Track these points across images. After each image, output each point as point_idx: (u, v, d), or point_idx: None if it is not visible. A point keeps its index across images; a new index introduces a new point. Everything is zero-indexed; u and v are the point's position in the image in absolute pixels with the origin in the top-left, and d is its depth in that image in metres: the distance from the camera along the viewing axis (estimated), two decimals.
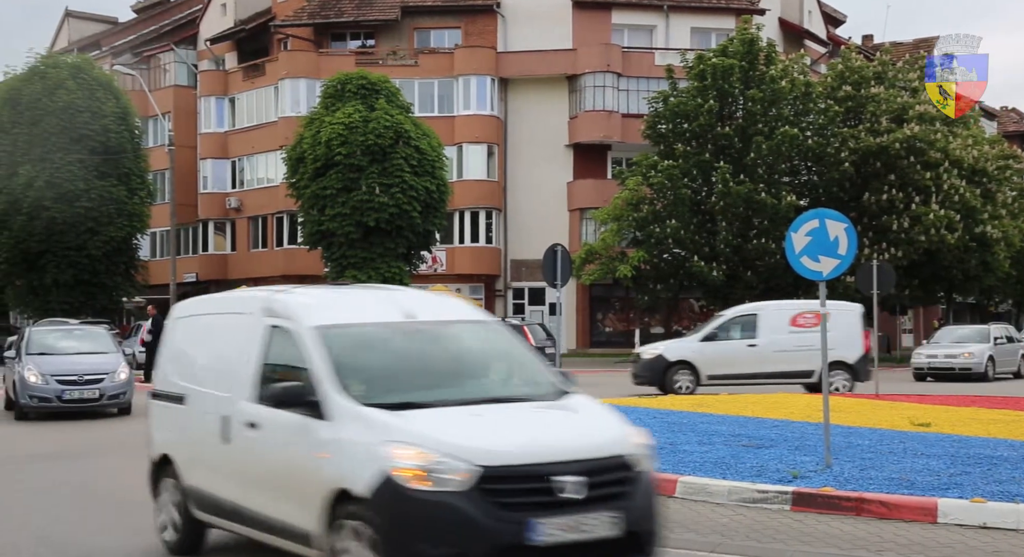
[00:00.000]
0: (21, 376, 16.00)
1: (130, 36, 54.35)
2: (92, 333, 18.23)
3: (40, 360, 16.27)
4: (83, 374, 16.07)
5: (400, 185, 32.22)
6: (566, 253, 16.21)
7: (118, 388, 16.36)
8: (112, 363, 16.68)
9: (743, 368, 19.24)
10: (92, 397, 16.09)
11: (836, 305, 18.80)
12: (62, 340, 17.54)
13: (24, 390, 15.96)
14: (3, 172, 35.04)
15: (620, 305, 42.67)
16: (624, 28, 43.03)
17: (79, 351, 16.99)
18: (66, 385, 15.94)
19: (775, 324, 19.31)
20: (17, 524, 8.28)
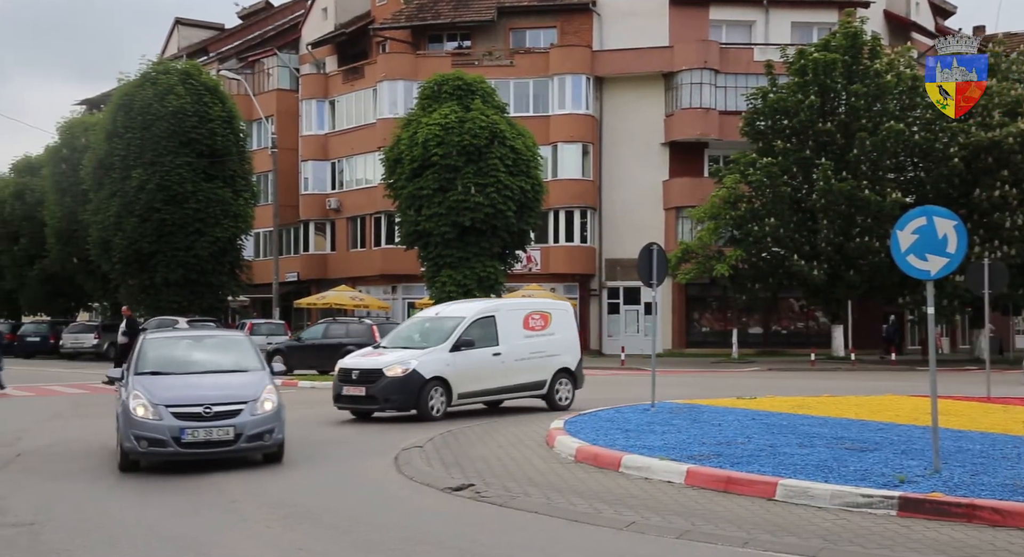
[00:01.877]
0: (125, 406, 10.87)
1: (236, 42, 56.04)
2: (227, 341, 12.91)
3: (151, 383, 11.16)
4: (211, 403, 10.80)
5: (495, 185, 32.41)
6: (662, 252, 15.98)
7: (262, 424, 10.96)
8: (253, 386, 11.35)
9: (490, 382, 16.10)
10: (224, 438, 10.75)
11: (553, 304, 17.87)
12: (186, 352, 12.32)
13: (128, 427, 10.68)
14: (117, 175, 36.56)
15: (717, 304, 42.09)
16: (722, 24, 42.43)
17: (208, 368, 11.83)
18: (187, 420, 10.63)
19: (512, 328, 16.44)
20: None
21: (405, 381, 15.12)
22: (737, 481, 8.98)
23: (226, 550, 7.37)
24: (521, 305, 17.50)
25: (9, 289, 49.54)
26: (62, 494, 9.54)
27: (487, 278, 33.29)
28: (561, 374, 17.00)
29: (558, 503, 8.68)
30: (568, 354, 17.13)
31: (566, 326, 17.27)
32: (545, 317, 16.84)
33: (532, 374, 16.61)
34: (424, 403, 15.21)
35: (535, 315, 16.85)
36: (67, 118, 44.62)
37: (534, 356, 16.55)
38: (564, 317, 17.36)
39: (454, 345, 15.63)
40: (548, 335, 16.76)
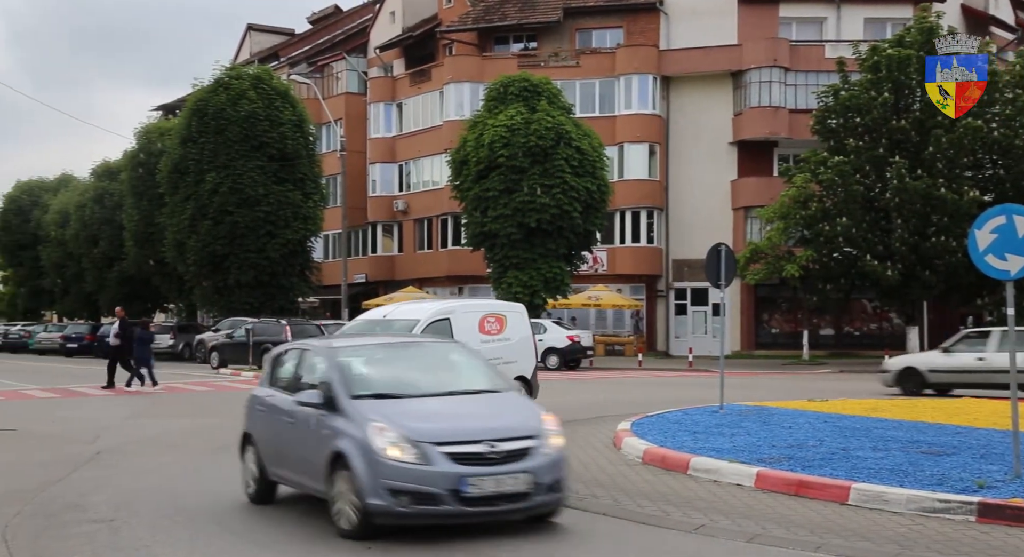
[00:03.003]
0: (357, 441, 7.44)
1: (306, 47, 56.94)
2: (446, 350, 9.50)
3: (391, 410, 7.70)
4: (495, 439, 7.47)
5: (561, 186, 32.40)
6: (730, 252, 15.78)
7: (556, 468, 7.73)
8: (527, 412, 8.21)
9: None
10: (518, 490, 7.43)
11: (507, 306, 16.36)
12: (405, 366, 8.82)
13: (375, 477, 7.26)
14: (191, 179, 37.44)
15: (787, 305, 41.46)
16: (792, 21, 41.80)
17: (448, 388, 8.40)
18: (468, 464, 7.31)
19: (468, 332, 14.46)
20: None
21: None
22: (809, 485, 8.83)
23: (304, 546, 7.47)
24: (476, 306, 16.02)
25: (89, 291, 51.04)
26: (140, 491, 9.78)
27: (553, 279, 33.31)
28: (516, 382, 14.54)
29: (626, 505, 8.63)
30: (525, 361, 15.36)
31: (521, 330, 15.57)
32: (500, 320, 15.26)
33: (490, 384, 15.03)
34: None
35: (490, 318, 15.16)
36: (144, 123, 45.78)
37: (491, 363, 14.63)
38: (519, 320, 15.64)
39: None
40: (504, 340, 15.09)
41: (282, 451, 8.60)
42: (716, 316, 39.29)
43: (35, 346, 48.14)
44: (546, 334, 31.58)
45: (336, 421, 7.71)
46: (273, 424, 8.83)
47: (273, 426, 8.84)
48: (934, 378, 20.45)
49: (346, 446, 7.47)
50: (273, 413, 8.87)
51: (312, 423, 8.03)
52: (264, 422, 9.08)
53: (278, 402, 8.84)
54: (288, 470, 8.52)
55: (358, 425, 7.51)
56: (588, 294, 38.92)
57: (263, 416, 9.11)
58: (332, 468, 7.58)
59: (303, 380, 8.70)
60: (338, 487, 7.54)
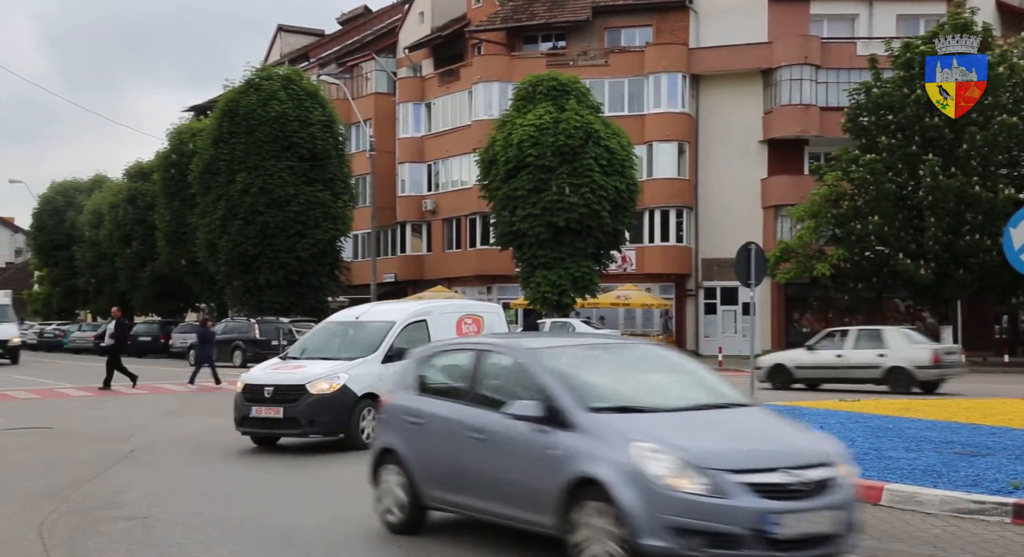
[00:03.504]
0: (619, 466, 5.99)
1: (335, 47, 57.25)
2: (668, 355, 7.87)
3: (653, 427, 6.25)
4: (793, 466, 6.02)
5: (590, 185, 32.36)
6: (760, 251, 15.71)
7: (853, 506, 6.32)
8: (812, 435, 6.85)
9: None
10: (823, 531, 6.02)
11: (484, 307, 15.69)
12: (628, 371, 7.38)
13: (652, 510, 5.81)
14: (222, 180, 37.75)
15: (818, 305, 41.13)
16: (823, 18, 41.47)
17: (695, 401, 6.90)
18: (774, 497, 5.84)
19: (445, 334, 13.63)
20: None
21: (334, 400, 12.16)
22: None
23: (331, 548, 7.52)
24: (453, 307, 15.28)
25: (123, 290, 51.60)
26: (174, 489, 9.88)
27: (581, 278, 33.27)
28: None
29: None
30: None
31: (499, 330, 14.97)
32: (478, 321, 14.58)
33: None
34: (355, 426, 12.33)
35: (468, 319, 14.45)
36: (176, 124, 46.18)
37: None
38: (496, 321, 15.04)
39: (387, 355, 12.73)
40: None
41: (462, 473, 7.12)
42: (746, 315, 39.08)
43: (69, 345, 48.77)
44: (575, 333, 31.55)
45: (569, 439, 6.26)
46: (441, 440, 7.34)
47: (441, 442, 7.33)
48: (800, 374, 21.72)
49: (601, 471, 5.98)
50: (440, 426, 7.37)
51: (525, 441, 6.52)
52: (422, 437, 7.53)
53: (451, 413, 7.30)
54: (472, 496, 7.02)
55: (612, 445, 6.05)
56: (617, 293, 38.83)
57: (418, 430, 7.58)
58: (572, 498, 6.12)
59: (487, 387, 7.27)
60: (587, 522, 6.04)
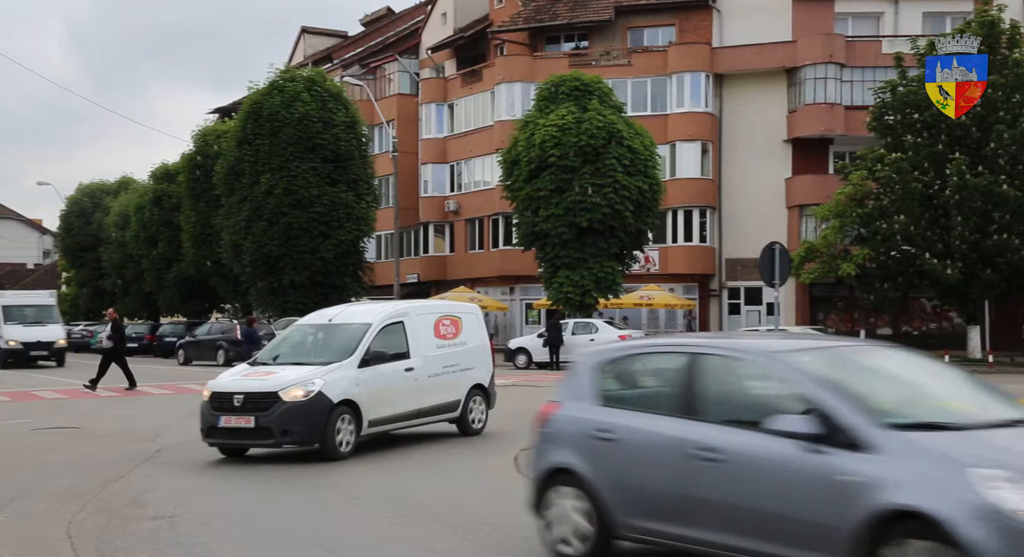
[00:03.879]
0: (957, 498, 4.91)
1: (359, 49, 57.44)
2: (911, 357, 6.85)
3: (979, 448, 5.24)
4: None
5: (612, 185, 32.29)
6: (784, 251, 15.66)
7: None
8: None
9: (403, 404, 12.60)
10: None
11: (462, 307, 14.94)
12: (889, 377, 6.37)
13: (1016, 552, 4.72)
14: (247, 181, 37.97)
15: (843, 305, 40.85)
16: (848, 17, 41.16)
17: (995, 416, 5.77)
18: None
19: (423, 336, 13.17)
20: None
21: (308, 407, 11.36)
22: None
23: (354, 546, 7.56)
24: (430, 308, 14.53)
25: (149, 291, 52.02)
26: (199, 489, 9.96)
27: (604, 279, 33.21)
28: (475, 392, 13.85)
29: None
30: (481, 367, 14.12)
31: (477, 333, 14.27)
32: (456, 323, 13.85)
33: (446, 393, 13.25)
34: (331, 435, 11.54)
35: (446, 320, 13.72)
36: (201, 126, 46.48)
37: (448, 371, 13.32)
38: (475, 323, 14.35)
39: (363, 359, 12.07)
40: (460, 345, 13.70)
41: (684, 499, 6.04)
42: (770, 316, 38.85)
43: (96, 345, 49.21)
44: (597, 334, 31.46)
45: (866, 463, 5.24)
46: (648, 460, 6.30)
47: (649, 462, 6.29)
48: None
49: (927, 503, 4.95)
50: (645, 443, 6.36)
51: (795, 464, 5.47)
52: (616, 455, 6.49)
53: (662, 428, 6.25)
54: (701, 528, 5.94)
55: (936, 471, 5.05)
56: (640, 294, 38.72)
57: (609, 447, 6.53)
58: (880, 535, 5.09)
59: (712, 398, 6.21)
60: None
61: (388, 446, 12.87)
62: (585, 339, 31.31)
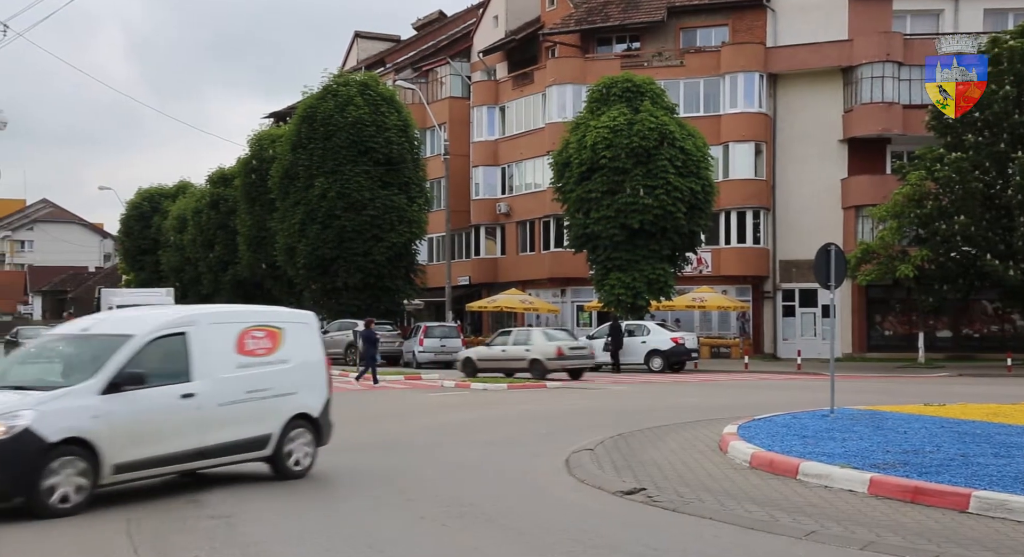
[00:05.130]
0: None
1: (411, 52, 57.84)
2: None
3: None
4: None
5: (664, 186, 32.10)
6: (840, 253, 15.35)
7: None
8: None
9: (175, 441, 9.67)
10: None
11: (286, 314, 11.67)
12: None
13: None
14: (301, 184, 38.44)
15: (901, 307, 40.12)
16: (907, 14, 40.44)
17: None
18: None
19: (216, 352, 10.21)
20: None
21: (7, 449, 8.46)
22: (926, 491, 8.53)
23: (405, 547, 7.60)
24: (232, 315, 11.22)
25: (206, 294, 52.84)
26: (255, 488, 10.08)
27: (656, 281, 33.02)
28: (297, 423, 10.86)
29: (733, 509, 8.49)
30: (309, 392, 11.12)
31: (306, 349, 11.25)
32: (274, 335, 10.85)
33: (248, 426, 10.30)
34: (41, 487, 8.56)
35: (256, 332, 10.68)
36: (256, 131, 47.13)
37: (253, 397, 10.37)
38: (304, 335, 11.35)
39: (111, 382, 9.21)
40: (278, 363, 10.75)
41: None
42: (826, 318, 38.32)
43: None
44: (649, 336, 31.36)
45: None
46: None
47: None
48: (481, 364, 27.81)
49: None
50: None
51: None
52: None
53: None
54: None
55: None
56: (692, 296, 38.43)
57: None
58: None
59: None
60: None
61: (438, 448, 12.92)
62: (637, 341, 31.23)
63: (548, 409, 18.39)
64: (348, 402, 20.54)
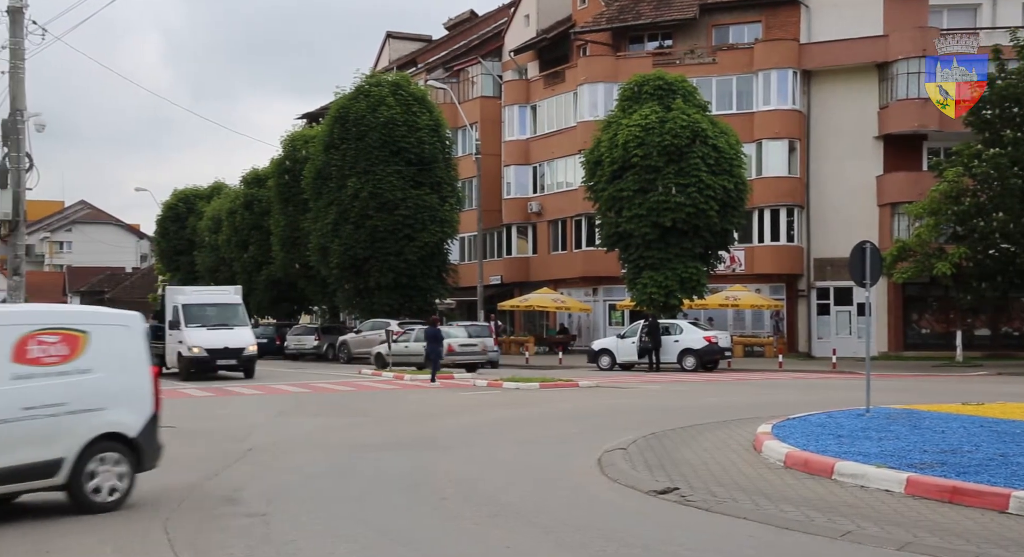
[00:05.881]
0: None
1: (442, 52, 57.98)
2: None
3: None
4: None
5: (697, 184, 31.95)
6: (876, 250, 15.18)
7: None
8: None
9: None
10: None
11: (93, 314, 9.69)
12: None
13: None
14: (334, 185, 38.67)
15: (938, 305, 39.63)
16: (943, 9, 39.90)
17: None
18: None
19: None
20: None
21: None
22: (964, 492, 8.43)
23: (439, 545, 7.63)
24: (9, 316, 9.04)
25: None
26: (289, 487, 10.17)
27: (689, 279, 32.88)
28: (104, 445, 9.06)
29: (767, 509, 8.43)
30: (125, 407, 9.31)
31: (123, 356, 9.39)
32: (72, 339, 9.00)
33: (27, 449, 8.50)
34: None
35: (45, 336, 8.81)
36: (289, 131, 47.43)
37: (33, 414, 8.56)
38: (120, 340, 9.46)
39: None
40: (75, 374, 8.95)
41: None
42: (861, 316, 37.92)
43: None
44: (682, 335, 31.22)
45: None
46: None
47: None
48: (391, 359, 30.96)
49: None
50: None
51: None
52: None
53: None
54: None
55: None
56: (726, 294, 38.19)
57: None
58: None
59: None
60: None
61: (471, 448, 12.95)
62: (670, 340, 31.11)
63: (580, 408, 18.37)
64: (380, 401, 20.66)
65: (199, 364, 27.72)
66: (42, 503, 9.20)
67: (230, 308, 29.41)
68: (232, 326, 28.62)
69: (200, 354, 27.57)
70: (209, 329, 28.14)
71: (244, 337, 28.55)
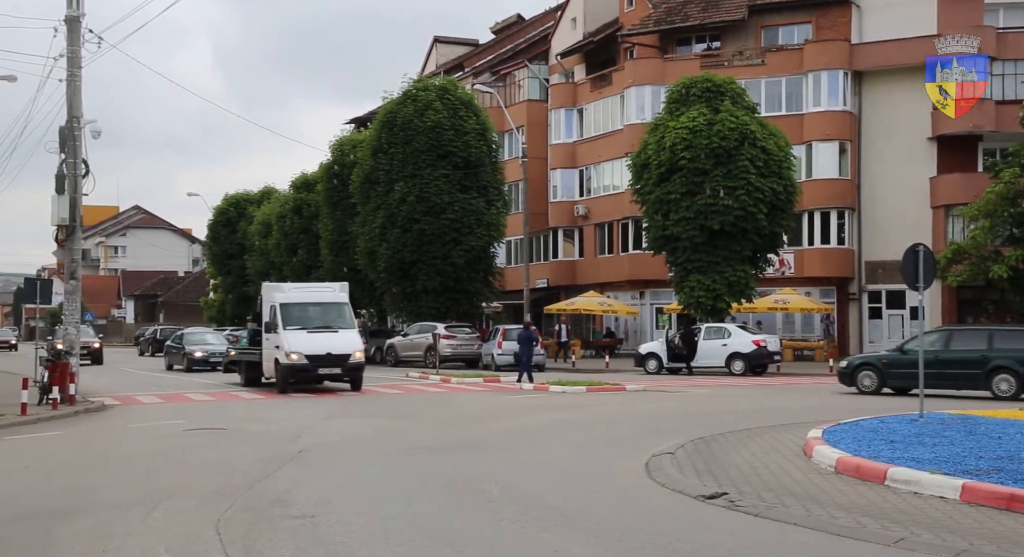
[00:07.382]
0: None
1: (489, 56, 58.16)
2: None
3: None
4: None
5: (745, 187, 31.69)
6: (929, 253, 14.95)
7: None
8: None
9: None
10: None
11: None
12: None
13: None
14: (381, 189, 38.97)
15: (994, 308, 38.79)
16: (999, 7, 39.13)
17: None
18: None
19: None
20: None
21: None
22: (1022, 499, 8.24)
23: (485, 547, 7.64)
24: None
25: None
26: (339, 489, 10.25)
27: (737, 283, 32.61)
28: None
29: (818, 515, 8.33)
30: None
31: None
32: None
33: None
34: None
35: None
36: (338, 136, 47.86)
37: None
38: None
39: None
40: None
41: None
42: (914, 320, 37.30)
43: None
44: (730, 339, 30.96)
45: None
46: None
47: None
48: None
49: None
50: None
51: None
52: None
53: None
54: None
55: None
56: (775, 298, 37.80)
57: None
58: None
59: None
60: None
61: (518, 451, 12.95)
62: (717, 344, 30.90)
63: (627, 412, 18.29)
64: (428, 404, 20.75)
65: (298, 373, 23.62)
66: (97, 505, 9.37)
67: (335, 307, 24.99)
68: (337, 329, 24.30)
69: (299, 361, 23.40)
70: (310, 332, 23.85)
71: (350, 342, 24.23)
